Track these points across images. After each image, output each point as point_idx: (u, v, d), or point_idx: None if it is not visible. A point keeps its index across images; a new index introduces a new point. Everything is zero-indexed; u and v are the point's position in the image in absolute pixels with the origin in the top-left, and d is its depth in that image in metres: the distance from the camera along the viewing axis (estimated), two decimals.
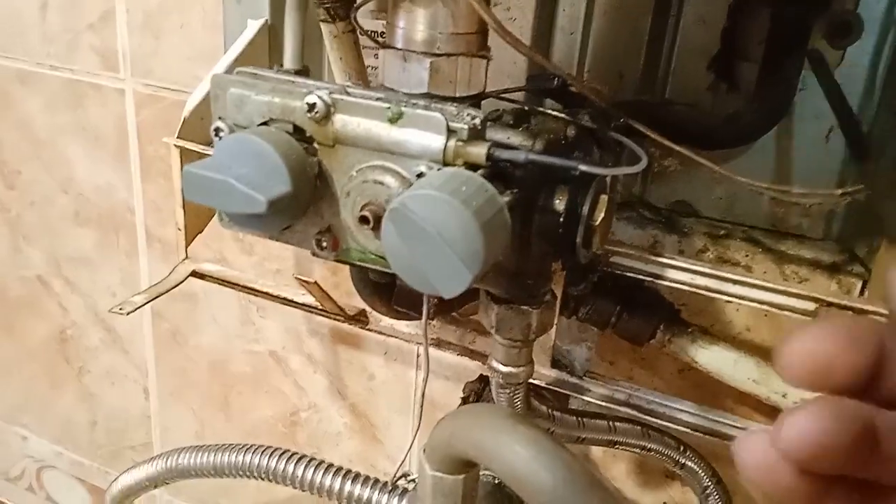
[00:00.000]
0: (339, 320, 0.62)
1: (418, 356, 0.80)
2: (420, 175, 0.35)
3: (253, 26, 0.65)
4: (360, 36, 0.57)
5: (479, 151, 0.34)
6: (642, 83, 0.59)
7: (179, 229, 0.64)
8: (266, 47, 0.66)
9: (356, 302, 0.68)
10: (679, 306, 0.61)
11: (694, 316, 0.62)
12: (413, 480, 0.54)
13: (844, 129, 0.53)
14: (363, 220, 0.36)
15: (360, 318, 0.61)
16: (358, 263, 0.39)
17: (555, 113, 0.44)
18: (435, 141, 0.34)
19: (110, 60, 0.83)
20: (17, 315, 1.06)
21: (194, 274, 0.63)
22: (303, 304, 0.61)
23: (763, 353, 0.60)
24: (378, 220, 0.35)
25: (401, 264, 0.32)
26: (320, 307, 0.62)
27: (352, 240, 0.38)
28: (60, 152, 0.91)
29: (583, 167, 0.33)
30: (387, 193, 0.35)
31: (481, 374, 0.68)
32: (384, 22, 0.53)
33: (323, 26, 0.55)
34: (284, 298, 0.62)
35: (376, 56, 0.66)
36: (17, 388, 1.12)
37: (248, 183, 0.34)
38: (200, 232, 0.67)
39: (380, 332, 0.63)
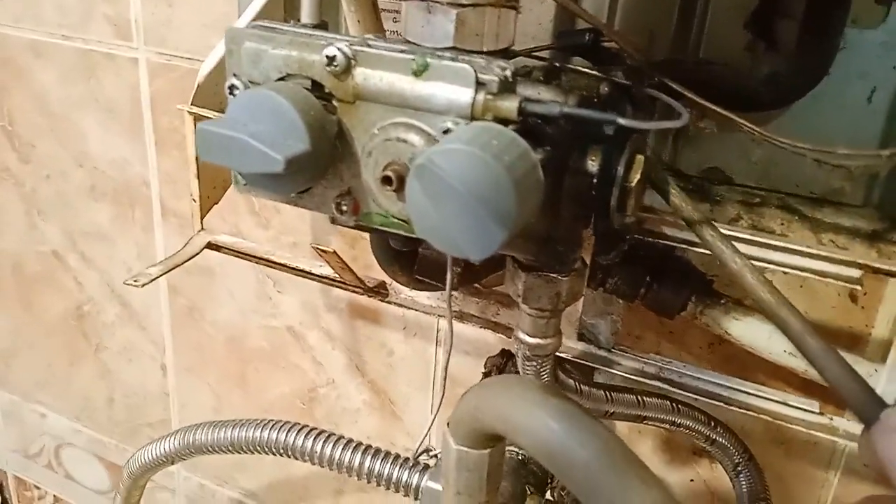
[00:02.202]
0: (357, 292, 0.60)
1: (438, 331, 0.78)
2: (446, 132, 0.33)
3: None
4: None
5: (509, 105, 0.32)
6: (675, 43, 0.57)
7: (195, 200, 0.63)
8: (282, 12, 0.64)
9: (375, 274, 0.67)
10: (710, 277, 0.59)
11: (724, 288, 0.60)
12: (435, 456, 0.53)
13: None
14: (386, 180, 0.34)
15: (379, 291, 0.59)
16: (380, 228, 0.37)
17: (586, 70, 0.42)
18: (463, 94, 0.32)
19: (123, 29, 0.81)
20: (34, 291, 1.05)
21: (210, 246, 0.62)
22: (320, 276, 0.60)
23: None
24: (401, 180, 0.33)
25: (426, 225, 0.30)
26: (338, 279, 0.60)
27: (373, 203, 0.36)
28: (75, 125, 0.90)
29: (621, 121, 0.30)
30: (411, 152, 0.33)
31: (503, 349, 0.66)
32: None
33: None
34: (302, 270, 0.60)
35: (395, 20, 0.64)
36: (35, 364, 1.12)
37: (264, 141, 0.32)
38: (216, 203, 0.65)
39: (400, 305, 0.61)
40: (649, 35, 0.58)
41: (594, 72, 0.42)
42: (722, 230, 0.44)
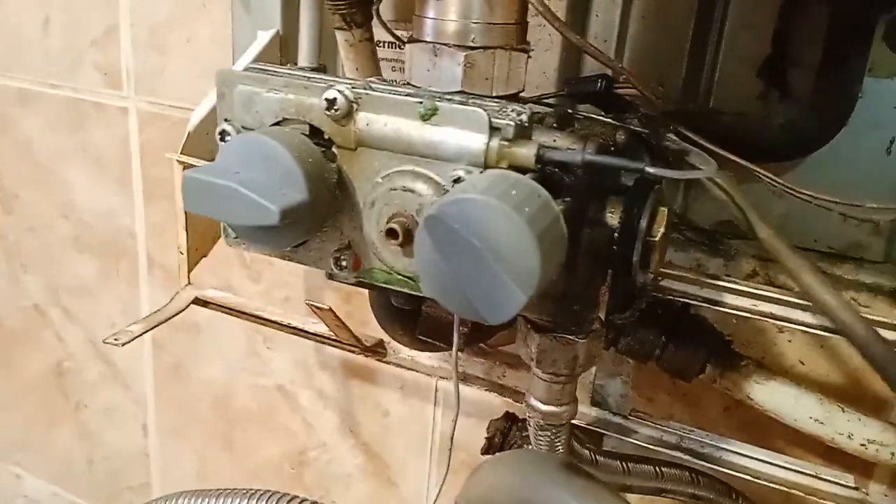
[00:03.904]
0: (354, 352, 0.57)
1: (437, 391, 0.74)
2: (457, 180, 0.30)
3: (263, 37, 0.61)
4: (377, 47, 0.53)
5: (527, 153, 0.29)
6: (684, 92, 0.55)
7: (182, 252, 0.60)
8: (277, 59, 0.62)
9: (372, 332, 0.63)
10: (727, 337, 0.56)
11: (741, 348, 0.57)
12: None
13: None
14: (390, 233, 0.31)
15: (377, 350, 0.56)
16: (382, 285, 0.34)
17: (601, 118, 0.39)
18: (475, 141, 0.29)
19: (114, 78, 0.79)
20: (13, 347, 1.01)
21: (196, 301, 0.58)
22: (315, 334, 0.56)
23: (819, 388, 0.54)
24: (407, 233, 0.30)
25: (436, 285, 0.27)
26: (334, 337, 0.57)
27: (375, 258, 0.33)
28: (61, 176, 0.87)
29: (650, 169, 0.28)
30: (418, 202, 0.30)
31: (507, 412, 0.62)
32: (404, 32, 0.49)
33: (338, 34, 0.50)
34: (294, 328, 0.57)
35: (394, 69, 0.62)
36: (12, 424, 1.07)
37: (257, 189, 0.29)
38: (205, 255, 0.62)
39: (399, 365, 0.58)
40: (658, 84, 0.56)
41: (609, 119, 0.39)
42: (750, 289, 0.41)
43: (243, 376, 0.85)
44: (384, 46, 0.58)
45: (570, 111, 0.38)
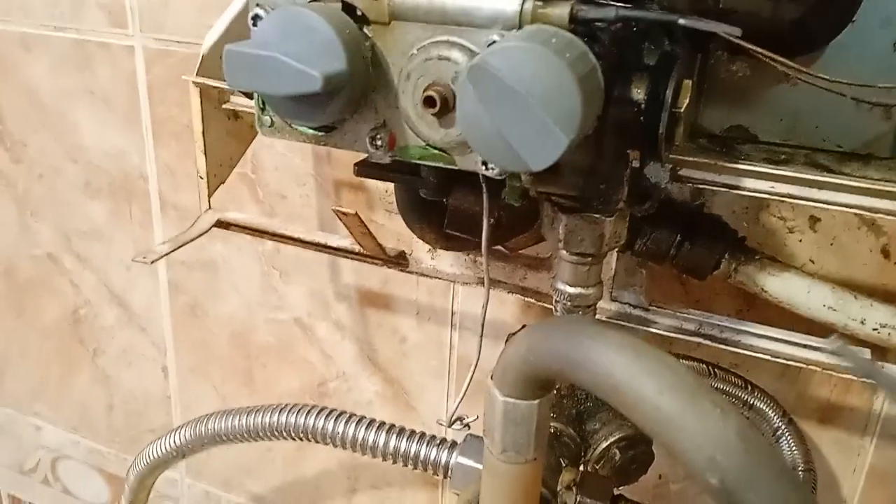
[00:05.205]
0: (377, 263, 0.58)
1: (453, 314, 0.76)
2: (492, 45, 0.31)
3: None
4: None
5: (560, 12, 0.30)
6: None
7: (202, 177, 0.60)
8: None
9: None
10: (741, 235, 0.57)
11: (757, 245, 0.58)
12: (468, 425, 0.50)
13: None
14: (427, 101, 0.31)
15: (399, 261, 0.57)
16: (418, 161, 0.35)
17: (620, 5, 0.40)
18: (509, 3, 0.30)
19: (118, 16, 0.79)
20: (28, 296, 1.02)
21: (219, 224, 0.59)
22: (338, 249, 0.57)
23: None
24: (445, 101, 0.31)
25: (481, 136, 0.28)
26: (355, 252, 0.58)
27: (411, 133, 0.34)
28: (68, 119, 0.87)
29: (683, 21, 0.28)
30: (454, 70, 0.31)
31: (524, 325, 0.64)
32: None
33: None
34: (318, 243, 0.58)
35: None
36: (30, 374, 1.08)
37: (299, 59, 0.30)
38: (223, 182, 0.63)
39: (421, 274, 0.59)
40: None
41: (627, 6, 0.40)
42: (769, 170, 0.42)
43: (260, 311, 0.86)
44: None
45: None
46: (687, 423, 0.29)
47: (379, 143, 0.35)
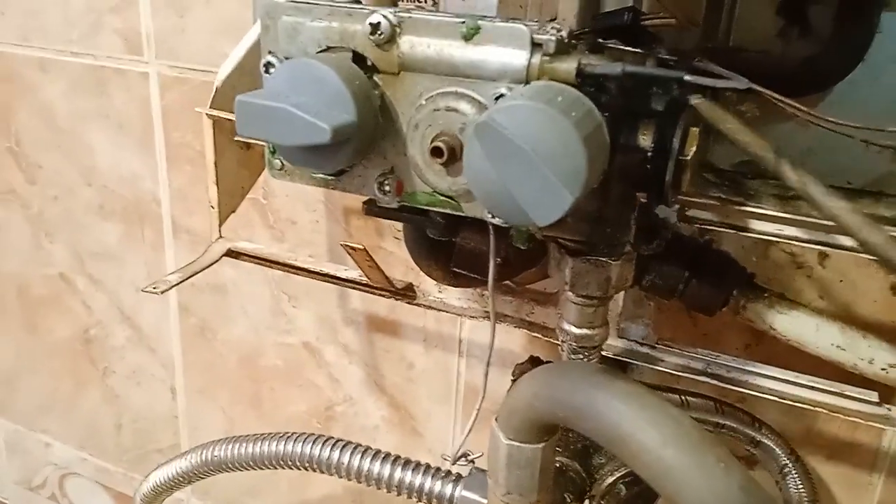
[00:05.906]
0: (384, 296, 0.58)
1: (460, 341, 0.76)
2: (499, 98, 0.31)
3: None
4: None
5: (567, 67, 0.30)
6: (703, 32, 0.55)
7: (213, 207, 0.61)
8: None
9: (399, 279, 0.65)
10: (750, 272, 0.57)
11: (765, 283, 0.58)
12: (472, 461, 0.50)
13: None
14: (435, 152, 0.32)
15: (407, 293, 0.57)
16: (425, 207, 0.35)
17: (629, 49, 0.40)
18: (517, 57, 0.31)
19: (134, 43, 0.80)
20: (40, 315, 1.03)
21: (229, 253, 0.60)
22: (346, 280, 0.58)
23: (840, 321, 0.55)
24: (452, 151, 0.32)
25: (487, 192, 0.28)
26: (363, 283, 0.58)
27: (419, 180, 0.34)
28: (83, 142, 0.88)
29: (688, 77, 0.29)
30: (461, 121, 0.32)
31: (531, 356, 0.64)
32: None
33: None
34: (326, 274, 0.58)
35: (418, 4, 0.63)
36: (40, 391, 1.09)
37: (308, 111, 0.30)
38: (233, 211, 0.63)
39: (429, 307, 0.59)
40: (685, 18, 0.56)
41: (637, 50, 0.40)
42: (777, 212, 0.42)
43: (269, 335, 0.87)
44: None
45: (599, 41, 0.39)
46: (690, 476, 0.29)
47: (387, 188, 0.35)
